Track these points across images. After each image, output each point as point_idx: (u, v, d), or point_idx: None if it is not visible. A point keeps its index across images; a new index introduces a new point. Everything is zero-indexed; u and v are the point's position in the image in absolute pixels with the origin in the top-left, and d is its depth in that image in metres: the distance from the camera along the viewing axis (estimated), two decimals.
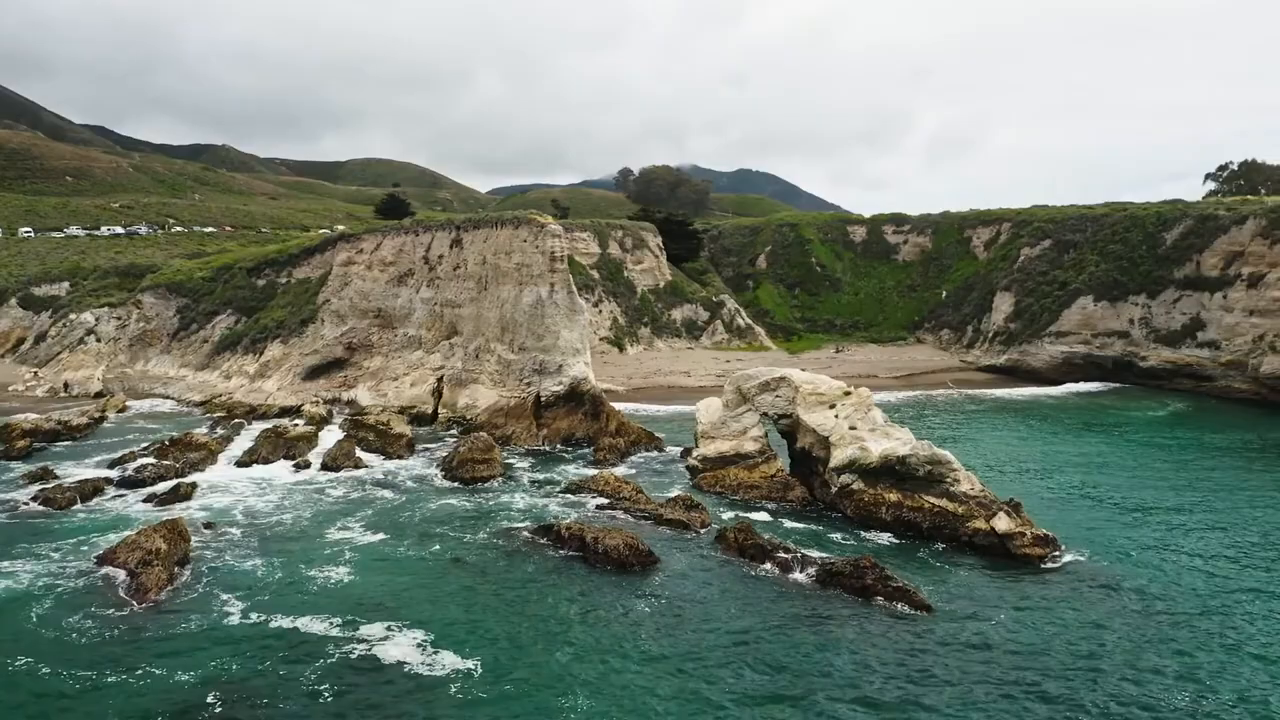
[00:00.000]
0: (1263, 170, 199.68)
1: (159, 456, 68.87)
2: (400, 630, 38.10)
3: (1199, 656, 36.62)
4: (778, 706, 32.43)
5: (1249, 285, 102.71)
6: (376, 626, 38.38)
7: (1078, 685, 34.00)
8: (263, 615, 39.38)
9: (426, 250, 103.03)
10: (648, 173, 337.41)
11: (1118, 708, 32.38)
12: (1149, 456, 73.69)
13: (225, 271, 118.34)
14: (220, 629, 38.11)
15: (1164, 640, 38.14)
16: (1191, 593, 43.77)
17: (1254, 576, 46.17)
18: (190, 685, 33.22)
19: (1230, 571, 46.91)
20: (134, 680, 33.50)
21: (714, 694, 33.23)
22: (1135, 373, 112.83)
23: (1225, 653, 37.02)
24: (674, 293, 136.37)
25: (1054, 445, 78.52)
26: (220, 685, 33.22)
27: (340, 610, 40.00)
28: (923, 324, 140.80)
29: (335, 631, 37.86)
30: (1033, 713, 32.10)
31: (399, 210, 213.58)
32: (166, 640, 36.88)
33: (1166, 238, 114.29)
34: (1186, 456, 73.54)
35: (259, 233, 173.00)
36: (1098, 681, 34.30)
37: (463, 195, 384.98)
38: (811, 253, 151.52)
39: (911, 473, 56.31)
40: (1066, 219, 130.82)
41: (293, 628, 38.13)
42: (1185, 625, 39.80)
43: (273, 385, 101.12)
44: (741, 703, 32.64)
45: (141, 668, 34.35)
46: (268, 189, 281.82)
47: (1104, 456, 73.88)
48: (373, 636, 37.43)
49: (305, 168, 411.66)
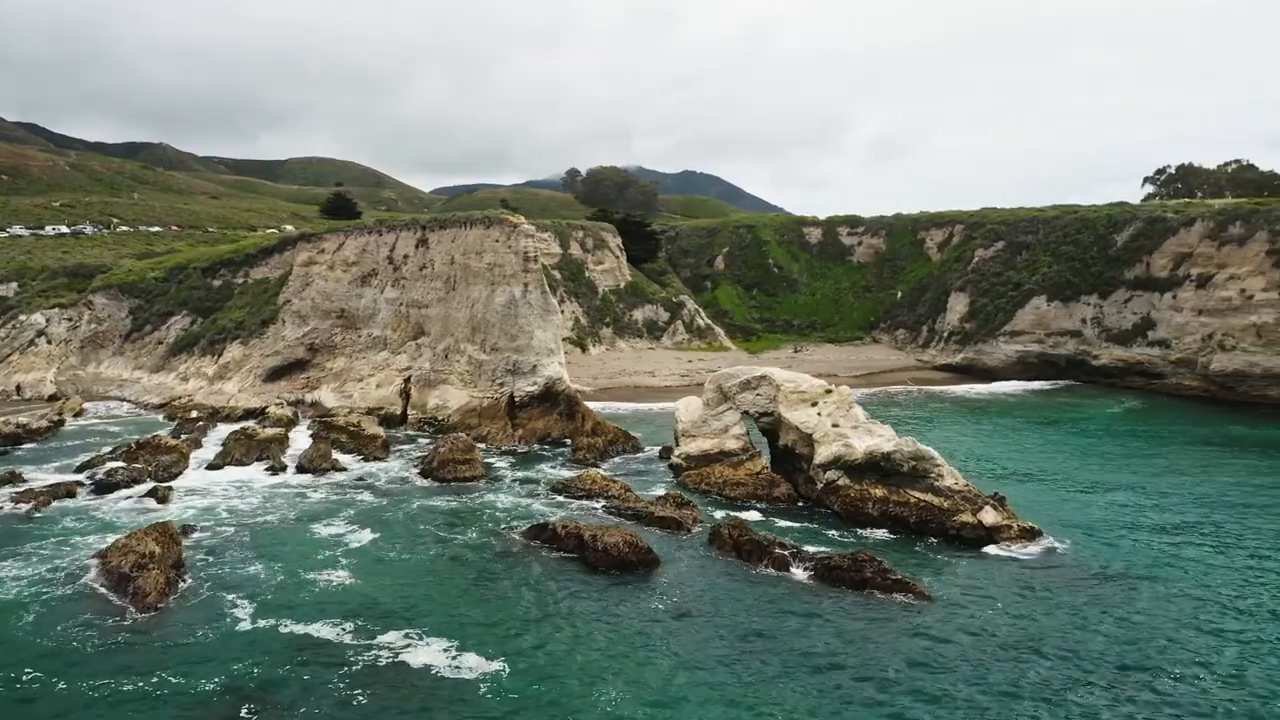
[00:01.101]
0: (1199, 174, 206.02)
1: (128, 460, 67.21)
2: (418, 634, 37.74)
3: (1187, 632, 38.66)
4: (804, 698, 32.91)
5: (1198, 285, 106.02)
6: (393, 630, 38.01)
7: (1080, 666, 35.22)
8: (274, 620, 38.73)
9: (391, 250, 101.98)
10: (595, 173, 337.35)
11: (1122, 685, 33.65)
12: (1113, 450, 75.82)
13: (179, 272, 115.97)
14: (234, 634, 37.42)
15: (1154, 617, 40.05)
16: (1172, 575, 45.59)
17: (1228, 558, 48.41)
18: (216, 692, 32.60)
19: (1204, 552, 49.10)
20: (153, 689, 32.72)
21: (738, 687, 33.64)
22: (1087, 371, 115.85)
23: (1211, 623, 39.50)
24: (635, 293, 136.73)
25: (1019, 441, 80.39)
26: (248, 693, 32.61)
27: (352, 614, 39.54)
28: (878, 324, 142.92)
29: (351, 636, 37.38)
30: (1038, 694, 33.04)
31: (346, 210, 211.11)
32: (180, 647, 36.12)
33: (1117, 239, 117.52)
34: (1149, 450, 75.81)
35: (206, 232, 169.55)
36: (1097, 662, 35.65)
37: (407, 195, 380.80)
38: (769, 254, 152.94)
39: (896, 468, 57.32)
40: (1019, 221, 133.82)
41: (307, 633, 37.55)
42: (1172, 602, 41.89)
43: (233, 387, 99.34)
44: (768, 695, 33.05)
45: (158, 675, 33.57)
46: (208, 188, 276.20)
47: (1069, 451, 75.86)
48: (392, 641, 37.03)
49: (244, 166, 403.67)
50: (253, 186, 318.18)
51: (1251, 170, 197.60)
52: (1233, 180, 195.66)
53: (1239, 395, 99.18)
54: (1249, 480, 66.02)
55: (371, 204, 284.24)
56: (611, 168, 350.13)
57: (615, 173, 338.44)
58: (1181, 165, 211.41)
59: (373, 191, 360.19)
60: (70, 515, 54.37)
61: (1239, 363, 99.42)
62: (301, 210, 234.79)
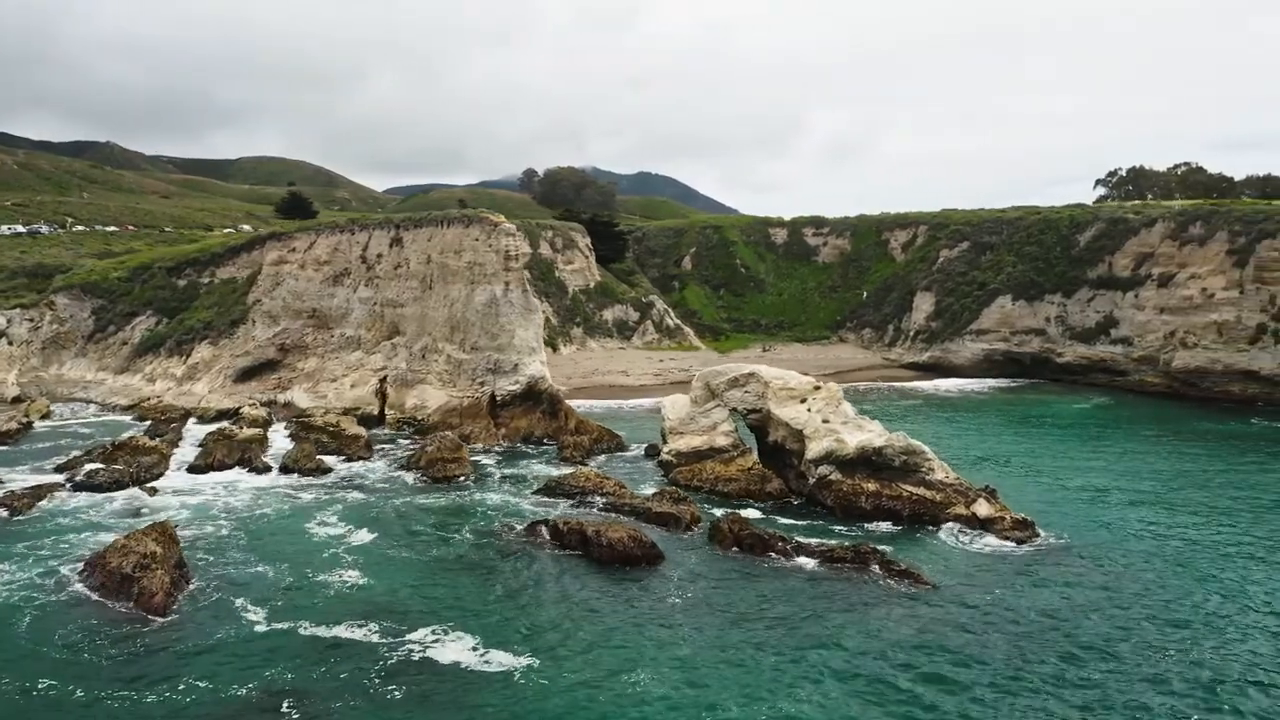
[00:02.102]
0: (1150, 176, 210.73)
1: (107, 461, 65.89)
2: (441, 631, 37.75)
3: (1181, 612, 40.76)
4: (819, 681, 33.75)
5: (1160, 285, 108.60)
6: (416, 628, 37.97)
7: (1081, 648, 36.69)
8: (292, 622, 38.33)
9: (364, 249, 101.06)
10: (553, 174, 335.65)
11: (1124, 663, 35.27)
12: (1087, 445, 77.53)
13: (143, 271, 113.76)
14: (254, 636, 37.02)
15: (1147, 599, 42.04)
16: (1158, 560, 47.46)
17: (1205, 543, 50.71)
18: (249, 696, 32.24)
19: (1185, 539, 51.35)
20: (179, 695, 32.22)
21: (758, 671, 34.34)
22: (1052, 369, 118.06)
23: (1201, 604, 41.69)
24: (604, 293, 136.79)
25: (995, 436, 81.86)
26: (283, 694, 32.40)
27: (370, 614, 39.32)
28: (845, 323, 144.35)
29: (375, 635, 37.26)
30: (1043, 673, 34.44)
31: (301, 209, 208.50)
32: (201, 651, 35.66)
33: (1079, 239, 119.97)
34: (1121, 445, 77.61)
35: (162, 232, 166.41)
36: (1097, 642, 37.30)
37: (361, 195, 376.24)
38: (736, 254, 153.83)
39: (888, 463, 58.15)
40: (982, 221, 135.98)
41: (330, 634, 37.30)
42: (1165, 587, 43.69)
43: (203, 388, 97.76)
44: (793, 680, 33.69)
45: (184, 681, 33.11)
46: (159, 187, 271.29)
47: (1045, 446, 77.44)
48: (417, 638, 36.98)
49: (193, 166, 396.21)
50: (203, 186, 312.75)
51: (1200, 173, 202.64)
52: (1182, 182, 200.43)
53: (1201, 391, 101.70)
54: (1218, 471, 68.15)
55: (325, 204, 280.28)
56: (569, 168, 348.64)
57: (573, 173, 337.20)
58: (1132, 168, 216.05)
59: (325, 191, 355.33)
60: (57, 517, 53.24)
61: (1201, 360, 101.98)
62: (256, 210, 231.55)
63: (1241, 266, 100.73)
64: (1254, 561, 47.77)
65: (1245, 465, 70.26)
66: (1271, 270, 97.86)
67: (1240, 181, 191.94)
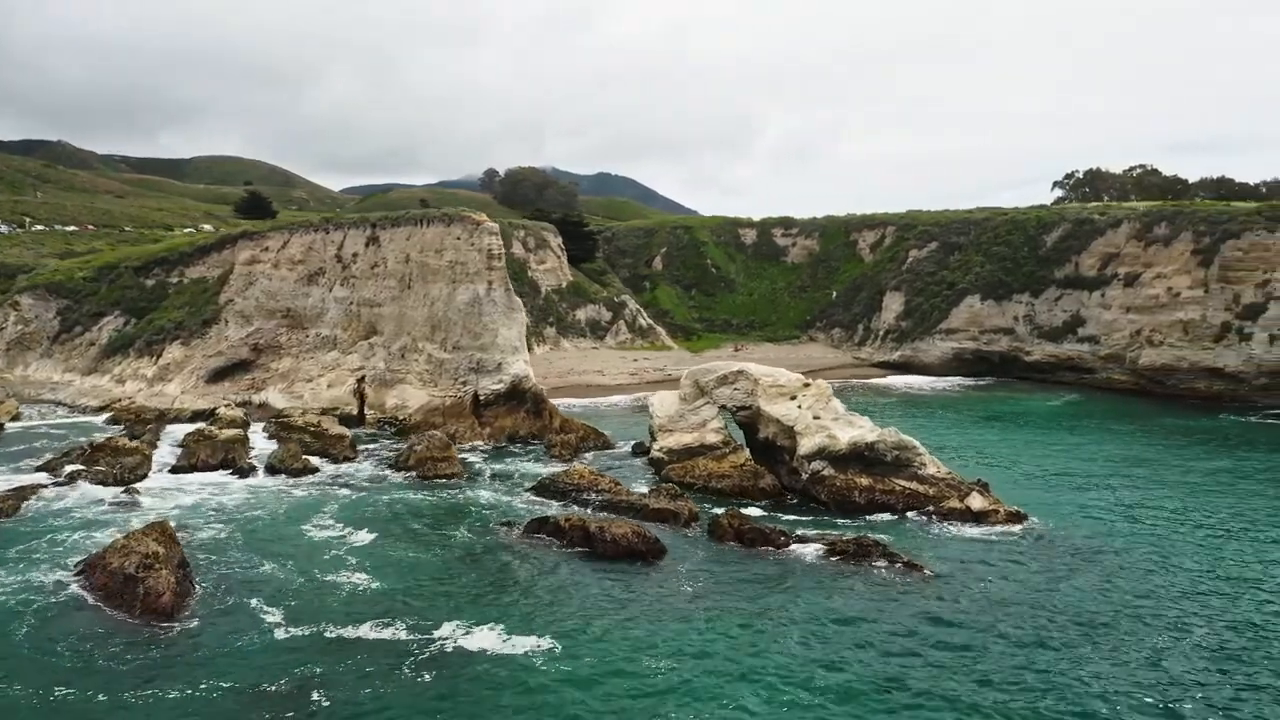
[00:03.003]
0: (1106, 177, 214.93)
1: (88, 462, 64.68)
2: (463, 625, 37.76)
3: (1175, 590, 42.71)
4: (850, 667, 34.32)
5: (1126, 284, 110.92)
6: (437, 623, 37.91)
7: (1081, 631, 37.74)
8: (312, 622, 37.92)
9: (339, 248, 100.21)
10: (514, 174, 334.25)
11: (1124, 642, 36.65)
12: (1063, 441, 79.12)
13: (109, 271, 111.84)
14: (275, 637, 36.57)
15: (1144, 584, 43.42)
16: (1150, 548, 48.91)
17: (1185, 529, 52.72)
18: (282, 694, 32.02)
19: (1168, 526, 53.36)
20: (204, 692, 31.82)
21: (780, 655, 35.08)
22: (1020, 367, 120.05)
23: (1194, 588, 43.23)
24: (577, 293, 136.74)
25: (972, 432, 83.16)
26: (316, 689, 32.23)
27: (389, 611, 39.14)
28: (814, 323, 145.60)
29: (398, 631, 37.17)
30: (1053, 652, 35.63)
31: (261, 209, 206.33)
32: (221, 652, 35.10)
33: (1046, 240, 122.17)
34: (1096, 440, 79.35)
35: (122, 231, 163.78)
36: (1104, 620, 38.70)
37: (318, 195, 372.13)
38: (706, 254, 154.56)
39: (880, 458, 58.89)
40: (950, 222, 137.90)
41: (354, 632, 37.02)
42: (1158, 568, 45.46)
43: (175, 389, 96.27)
44: (806, 665, 34.57)
45: (207, 678, 32.70)
46: (114, 187, 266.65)
47: (1023, 441, 78.88)
48: (440, 633, 37.00)
49: (147, 165, 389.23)
50: (158, 185, 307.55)
51: (1155, 175, 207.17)
52: (1137, 184, 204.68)
53: (1167, 389, 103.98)
54: (1193, 463, 70.23)
55: (282, 203, 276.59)
56: (530, 168, 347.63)
57: (534, 173, 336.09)
58: (1089, 170, 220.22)
59: (282, 191, 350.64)
60: (46, 518, 52.17)
61: (1167, 358, 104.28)
62: (214, 210, 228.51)
63: (1206, 266, 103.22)
64: (1233, 540, 50.51)
65: (1218, 457, 72.29)
66: (1236, 270, 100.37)
67: (1195, 184, 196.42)
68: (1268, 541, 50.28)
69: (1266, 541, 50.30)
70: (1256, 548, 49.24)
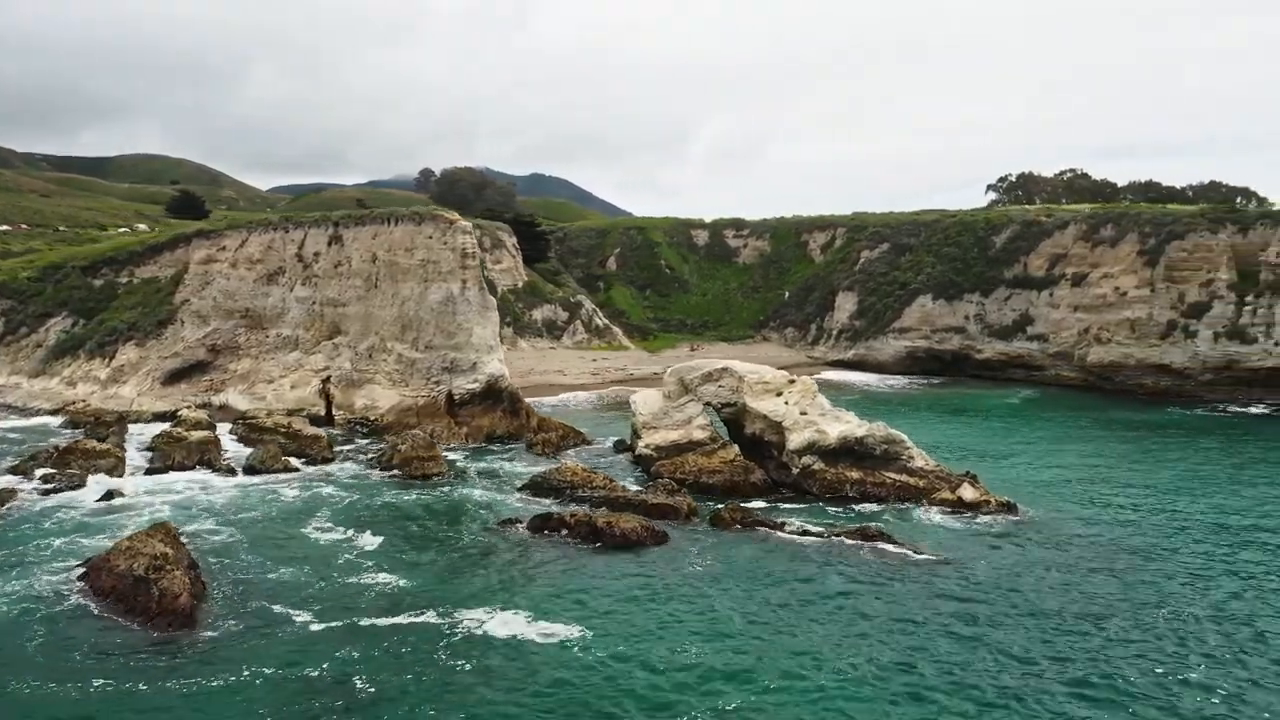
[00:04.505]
0: (1038, 181, 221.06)
1: (59, 465, 62.80)
2: (488, 612, 38.19)
3: (1165, 572, 44.63)
4: (853, 643, 35.80)
5: (1073, 284, 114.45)
6: (467, 611, 38.20)
7: (1079, 612, 39.22)
8: (339, 616, 37.57)
9: (299, 247, 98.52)
10: (451, 174, 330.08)
11: (1117, 620, 38.24)
12: (1028, 434, 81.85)
13: (55, 271, 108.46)
14: (300, 628, 36.42)
15: (1136, 565, 45.49)
16: (1131, 530, 51.36)
17: (1163, 513, 55.32)
18: (319, 676, 32.18)
19: (1148, 512, 55.63)
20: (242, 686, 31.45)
21: (800, 636, 36.19)
22: (972, 365, 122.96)
23: (1181, 566, 45.72)
24: (533, 293, 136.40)
25: (938, 427, 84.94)
26: (353, 672, 32.50)
27: (412, 603, 39.14)
28: (767, 323, 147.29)
29: (428, 618, 37.57)
30: (1048, 634, 36.99)
31: (193, 209, 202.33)
32: (249, 646, 34.69)
33: (995, 241, 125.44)
34: (1059, 432, 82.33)
35: (57, 231, 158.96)
36: (1103, 601, 40.33)
37: (247, 194, 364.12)
38: (660, 255, 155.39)
39: (869, 451, 60.07)
40: (900, 224, 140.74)
41: (385, 622, 37.06)
42: (1155, 558, 46.82)
43: (131, 391, 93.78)
44: (824, 639, 35.99)
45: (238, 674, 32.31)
46: (39, 186, 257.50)
47: (991, 436, 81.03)
48: (468, 620, 37.39)
49: (70, 164, 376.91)
50: (84, 185, 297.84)
51: (1085, 179, 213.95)
52: (1068, 188, 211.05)
53: (1115, 385, 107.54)
54: (1151, 453, 73.76)
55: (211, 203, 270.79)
56: (466, 168, 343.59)
57: (471, 173, 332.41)
58: (1022, 173, 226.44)
59: (210, 190, 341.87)
60: (30, 521, 50.46)
61: (1115, 355, 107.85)
62: (145, 209, 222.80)
63: (1152, 266, 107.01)
64: (1207, 522, 53.46)
65: (1176, 448, 75.49)
66: (1181, 270, 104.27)
67: (1124, 187, 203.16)
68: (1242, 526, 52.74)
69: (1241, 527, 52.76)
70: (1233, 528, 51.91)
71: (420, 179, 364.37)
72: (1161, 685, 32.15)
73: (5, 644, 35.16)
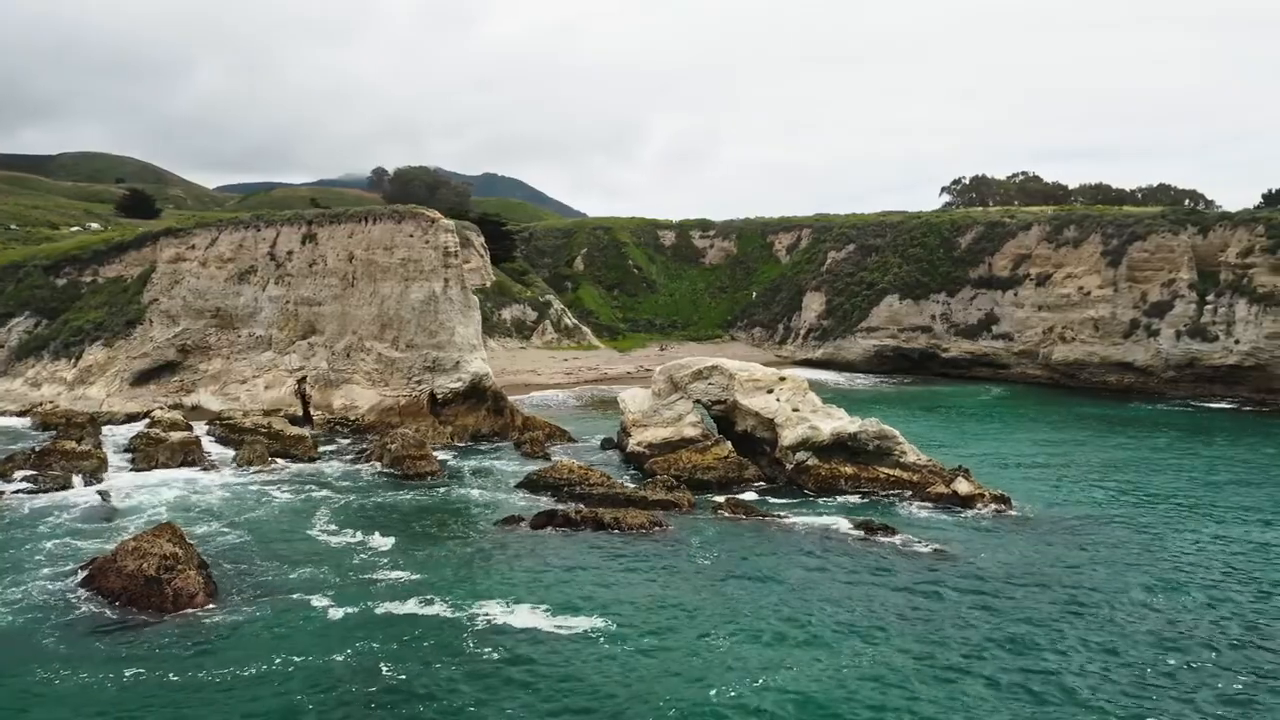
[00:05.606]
0: (990, 184, 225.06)
1: (39, 466, 61.48)
2: (506, 604, 38.28)
3: (1160, 562, 45.52)
4: (888, 631, 36.21)
5: (1038, 284, 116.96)
6: (486, 601, 38.39)
7: (1078, 602, 39.87)
8: (358, 610, 37.44)
9: (272, 246, 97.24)
10: (404, 173, 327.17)
11: (1119, 612, 38.86)
12: (1004, 429, 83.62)
13: (14, 270, 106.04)
14: (321, 620, 36.33)
15: (1133, 554, 46.59)
16: (1120, 521, 52.61)
17: (1149, 504, 56.88)
18: (346, 662, 32.44)
19: (1136, 504, 56.99)
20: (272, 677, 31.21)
21: (822, 627, 36.38)
22: (939, 363, 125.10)
23: (1175, 556, 46.70)
24: (501, 293, 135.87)
25: (919, 423, 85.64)
26: (380, 659, 32.64)
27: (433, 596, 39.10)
28: (735, 323, 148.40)
29: (449, 611, 37.67)
30: (1078, 621, 37.74)
31: (145, 207, 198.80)
32: (274, 640, 34.36)
33: (961, 242, 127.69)
34: (1035, 428, 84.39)
35: (8, 230, 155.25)
36: (1106, 590, 41.08)
37: (194, 193, 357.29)
38: (628, 255, 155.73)
39: (863, 447, 60.88)
40: (867, 225, 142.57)
41: (406, 611, 37.45)
42: (1149, 546, 48.11)
43: (99, 392, 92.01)
44: (832, 627, 36.41)
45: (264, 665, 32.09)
46: None
47: (969, 432, 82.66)
48: (489, 611, 37.52)
49: (9, 162, 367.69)
50: (28, 184, 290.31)
51: (1037, 181, 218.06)
52: (1020, 190, 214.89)
53: (1080, 382, 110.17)
54: (1124, 445, 75.83)
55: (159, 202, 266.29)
56: (420, 168, 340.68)
57: (424, 173, 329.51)
58: (975, 176, 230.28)
59: (157, 189, 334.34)
60: (21, 524, 49.27)
61: (1079, 353, 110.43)
62: (94, 209, 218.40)
63: (1115, 266, 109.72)
64: (1194, 508, 55.42)
65: (1148, 442, 77.67)
66: (1143, 270, 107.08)
67: (1075, 189, 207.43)
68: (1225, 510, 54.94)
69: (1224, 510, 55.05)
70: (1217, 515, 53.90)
71: (373, 177, 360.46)
72: (1176, 672, 33.00)
73: (23, 641, 34.59)
